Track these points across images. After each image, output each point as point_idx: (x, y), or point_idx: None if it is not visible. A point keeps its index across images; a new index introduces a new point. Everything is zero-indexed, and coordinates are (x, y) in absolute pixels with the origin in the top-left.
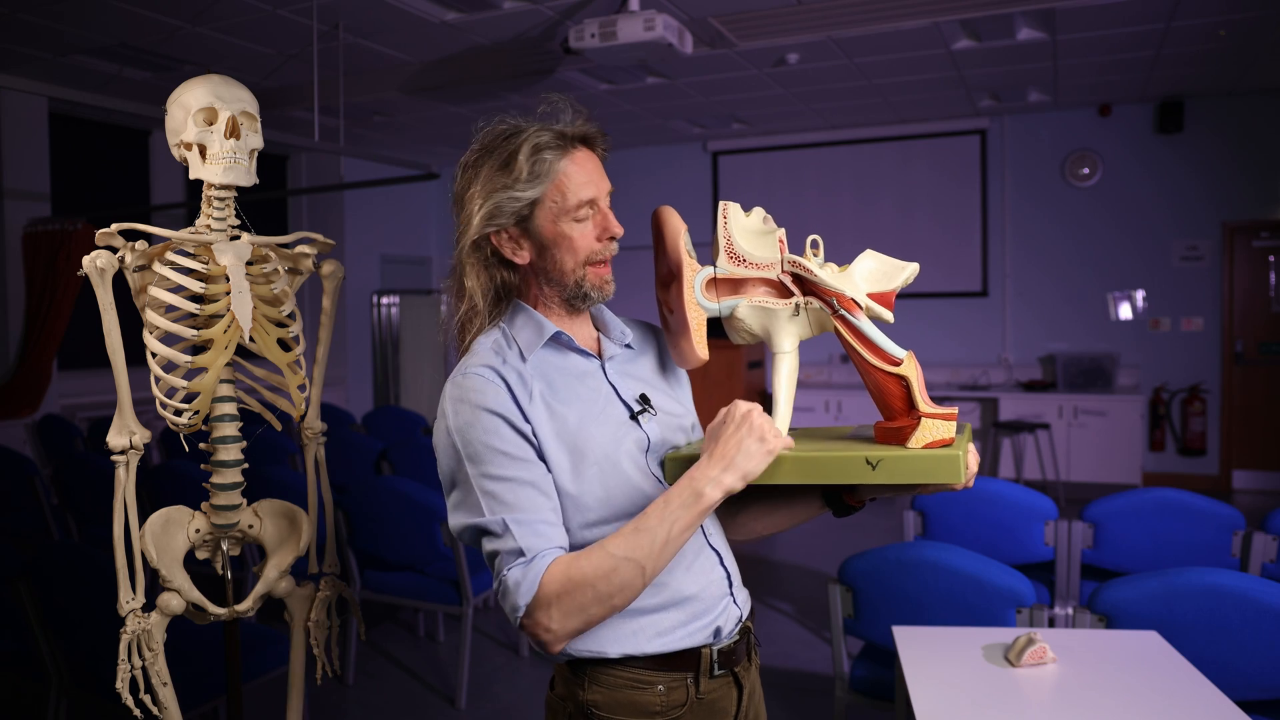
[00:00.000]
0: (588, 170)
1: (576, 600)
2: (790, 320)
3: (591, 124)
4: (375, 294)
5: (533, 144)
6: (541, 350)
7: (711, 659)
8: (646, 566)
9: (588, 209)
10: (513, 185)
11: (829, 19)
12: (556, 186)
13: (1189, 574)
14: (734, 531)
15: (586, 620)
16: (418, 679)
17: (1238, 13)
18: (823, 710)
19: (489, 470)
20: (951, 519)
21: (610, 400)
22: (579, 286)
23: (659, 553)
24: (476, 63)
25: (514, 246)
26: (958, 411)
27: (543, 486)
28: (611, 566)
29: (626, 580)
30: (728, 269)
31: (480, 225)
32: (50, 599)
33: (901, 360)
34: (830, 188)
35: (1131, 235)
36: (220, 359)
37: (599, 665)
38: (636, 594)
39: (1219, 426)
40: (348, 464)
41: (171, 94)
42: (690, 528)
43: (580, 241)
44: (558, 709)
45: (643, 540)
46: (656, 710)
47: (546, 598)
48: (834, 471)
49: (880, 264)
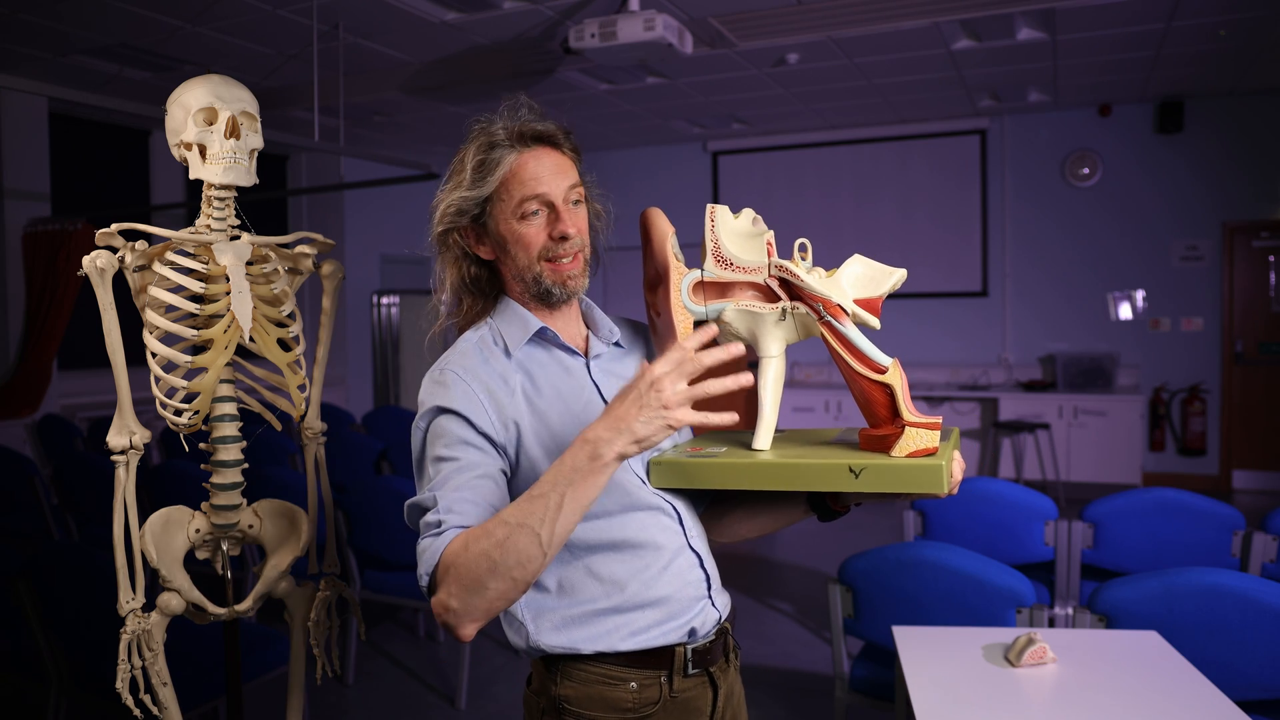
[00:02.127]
0: (540, 167)
1: (472, 573)
2: (777, 325)
3: (548, 121)
4: (375, 294)
5: (480, 143)
6: (527, 346)
7: (685, 657)
8: (542, 534)
9: (535, 205)
10: (463, 184)
11: (829, 19)
12: (504, 184)
13: (1189, 574)
14: (718, 534)
15: (487, 598)
16: (418, 679)
17: (1238, 13)
18: (823, 710)
19: (437, 452)
20: (951, 519)
21: (592, 398)
22: (538, 282)
23: (554, 518)
24: (476, 63)
25: (476, 243)
26: (942, 420)
27: (485, 471)
28: (506, 535)
29: (523, 550)
30: (715, 272)
31: (437, 223)
32: (50, 599)
33: (887, 368)
34: (830, 188)
35: (1131, 235)
36: (220, 359)
37: (572, 660)
38: (537, 565)
39: (1219, 426)
40: (348, 464)
41: (171, 94)
42: (588, 493)
43: (531, 238)
44: (532, 704)
45: (536, 506)
46: (628, 707)
47: (444, 569)
48: (816, 479)
49: (868, 269)
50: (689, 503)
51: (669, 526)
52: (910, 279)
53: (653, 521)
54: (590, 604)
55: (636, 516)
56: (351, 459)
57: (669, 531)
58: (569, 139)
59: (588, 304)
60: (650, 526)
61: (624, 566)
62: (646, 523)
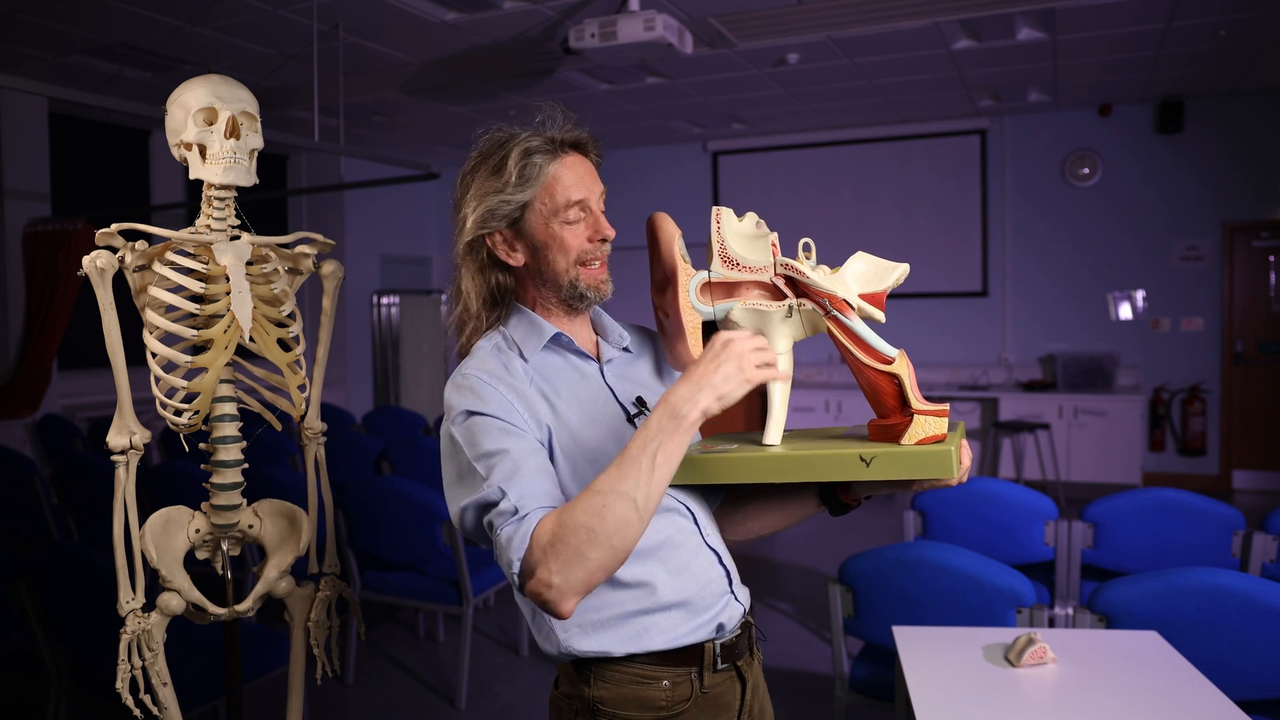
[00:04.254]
0: (578, 173)
1: (572, 545)
2: (784, 322)
3: (582, 130)
4: (375, 294)
5: (523, 149)
6: (542, 352)
7: (715, 653)
8: (638, 498)
9: (577, 210)
10: (504, 189)
11: (829, 19)
12: (546, 189)
13: (1189, 574)
14: (731, 531)
15: (588, 569)
16: (418, 679)
17: (1238, 13)
18: (823, 710)
19: (484, 449)
20: (951, 519)
21: (608, 402)
22: (574, 287)
23: (648, 481)
24: (476, 63)
25: (508, 249)
26: (949, 408)
27: (537, 455)
28: (601, 504)
29: (620, 516)
30: (722, 273)
31: (474, 228)
32: (50, 599)
33: (894, 359)
34: (830, 188)
35: (1131, 235)
36: (220, 359)
37: (604, 663)
38: (635, 532)
39: (1219, 426)
40: (348, 464)
41: (171, 94)
42: (675, 453)
43: (571, 242)
44: (563, 706)
45: (628, 471)
46: (662, 705)
47: (540, 549)
48: (828, 469)
49: (871, 265)
50: (702, 501)
51: (685, 527)
52: (910, 279)
53: (668, 523)
54: (617, 607)
55: (652, 520)
56: (351, 459)
57: (685, 532)
58: (597, 146)
59: (596, 310)
60: (666, 529)
61: (645, 570)
62: (662, 525)
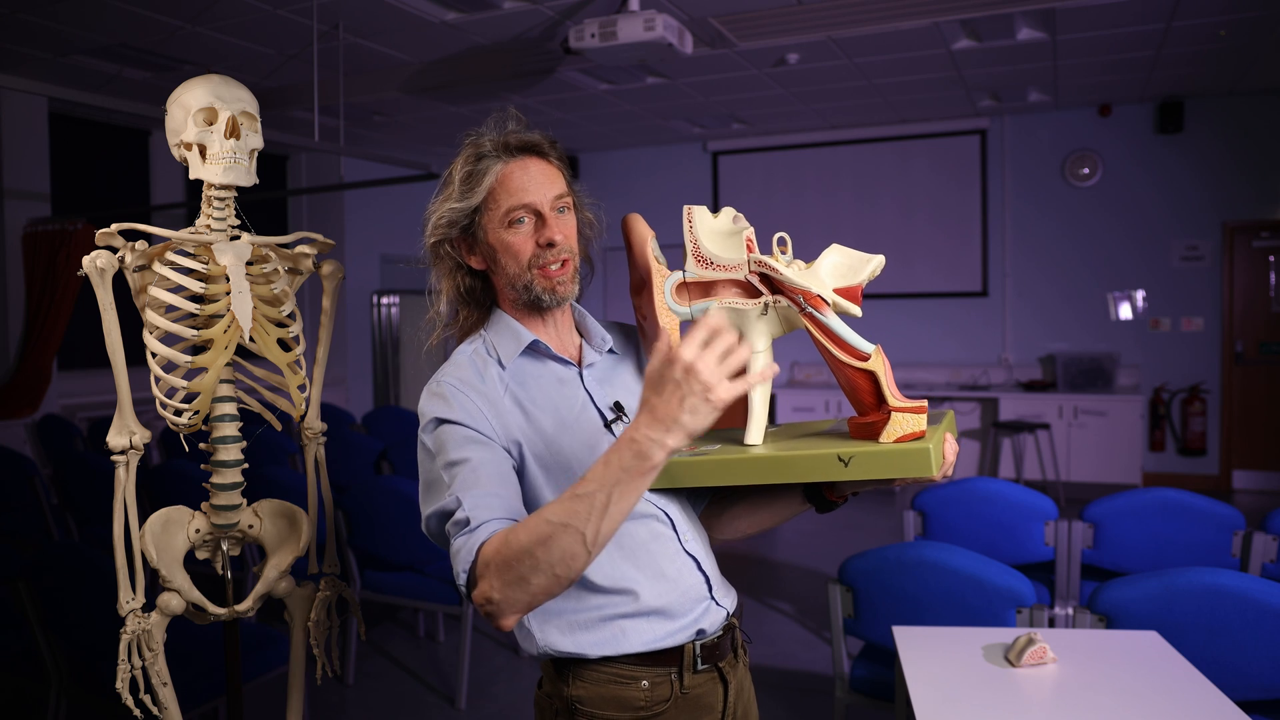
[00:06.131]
0: (526, 176)
1: (514, 569)
2: (760, 320)
3: (534, 132)
4: (375, 294)
5: (467, 155)
6: (519, 358)
7: (694, 654)
8: (587, 533)
9: (522, 213)
10: (452, 196)
11: (829, 19)
12: (492, 194)
13: (1189, 574)
14: (721, 531)
15: (530, 592)
16: (418, 679)
17: (1238, 13)
18: (823, 710)
19: (449, 457)
20: (951, 519)
21: (585, 408)
22: (529, 290)
23: (599, 518)
24: (476, 63)
25: (468, 254)
26: (927, 404)
27: (499, 466)
28: (548, 534)
29: (567, 549)
30: (696, 272)
31: (429, 234)
32: (50, 599)
33: (869, 355)
34: (830, 188)
35: (1131, 235)
36: (220, 359)
37: (582, 662)
38: (581, 563)
39: (1219, 426)
40: (348, 464)
41: (171, 94)
42: (636, 492)
43: (519, 246)
44: (545, 706)
45: (580, 506)
46: (641, 705)
47: (484, 564)
48: (807, 470)
49: (846, 258)
50: (683, 505)
51: (662, 533)
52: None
53: (645, 530)
54: (595, 611)
55: (628, 527)
56: (351, 459)
57: (663, 538)
58: (555, 148)
59: (580, 312)
60: (643, 535)
61: (624, 575)
62: (638, 532)
